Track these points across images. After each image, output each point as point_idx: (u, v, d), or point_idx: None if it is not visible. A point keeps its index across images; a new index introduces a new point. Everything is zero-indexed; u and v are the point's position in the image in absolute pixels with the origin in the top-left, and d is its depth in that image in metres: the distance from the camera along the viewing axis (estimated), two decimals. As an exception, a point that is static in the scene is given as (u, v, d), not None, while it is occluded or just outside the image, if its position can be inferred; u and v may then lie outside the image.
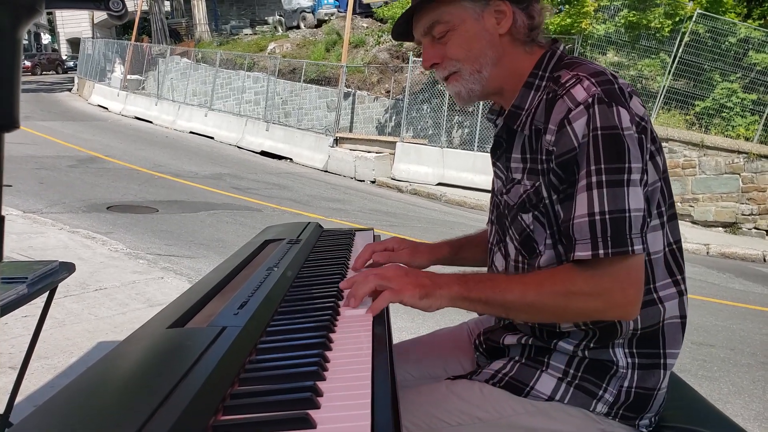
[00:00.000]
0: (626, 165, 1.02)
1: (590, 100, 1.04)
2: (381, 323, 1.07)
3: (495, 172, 1.32)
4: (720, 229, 10.18)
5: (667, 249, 1.14)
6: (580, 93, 1.05)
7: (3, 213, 0.60)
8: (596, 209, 1.02)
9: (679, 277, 1.16)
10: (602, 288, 1.03)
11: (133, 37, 23.01)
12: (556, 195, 1.10)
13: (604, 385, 1.13)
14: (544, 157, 1.10)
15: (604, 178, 1.02)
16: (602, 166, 1.02)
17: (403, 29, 1.26)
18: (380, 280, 1.11)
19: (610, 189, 1.01)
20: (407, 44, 15.37)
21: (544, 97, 1.13)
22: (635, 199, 1.02)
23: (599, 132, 1.03)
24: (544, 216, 1.14)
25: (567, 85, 1.08)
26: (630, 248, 1.01)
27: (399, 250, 1.46)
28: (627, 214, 1.01)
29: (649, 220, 1.08)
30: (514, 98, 1.19)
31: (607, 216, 1.01)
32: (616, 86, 1.07)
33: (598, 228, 1.02)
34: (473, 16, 1.16)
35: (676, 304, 1.16)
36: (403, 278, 1.11)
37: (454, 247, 1.53)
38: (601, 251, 1.01)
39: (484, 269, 1.38)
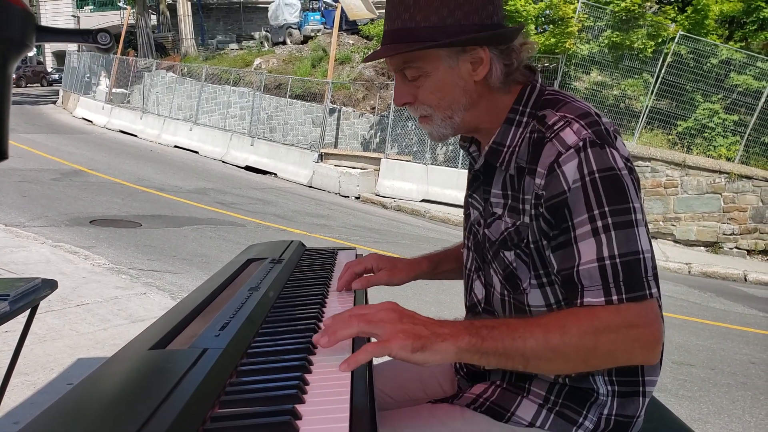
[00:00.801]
0: (631, 205, 0.99)
1: (581, 143, 1.01)
2: (361, 344, 1.08)
3: (470, 202, 1.31)
4: (701, 248, 10.30)
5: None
6: (570, 136, 1.03)
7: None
8: (606, 253, 0.97)
9: None
10: (628, 322, 0.96)
11: (119, 51, 22.94)
12: (546, 241, 1.07)
13: (584, 412, 1.13)
14: (533, 201, 1.06)
15: (610, 221, 0.98)
16: (606, 208, 0.98)
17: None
18: (366, 326, 0.96)
19: (619, 231, 0.97)
20: (393, 61, 15.49)
21: (527, 135, 1.10)
22: (645, 240, 0.99)
23: (597, 175, 1.00)
24: (527, 256, 1.11)
25: (555, 128, 1.05)
26: (647, 291, 0.97)
27: (378, 270, 1.44)
28: (641, 256, 0.97)
29: None
30: (494, 134, 1.16)
31: (618, 260, 0.97)
32: (603, 127, 1.05)
33: (610, 273, 0.96)
34: (447, 64, 1.10)
35: None
36: (394, 325, 0.94)
37: (433, 262, 1.51)
38: (614, 297, 0.96)
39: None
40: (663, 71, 11.42)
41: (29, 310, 1.75)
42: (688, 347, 5.04)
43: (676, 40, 11.33)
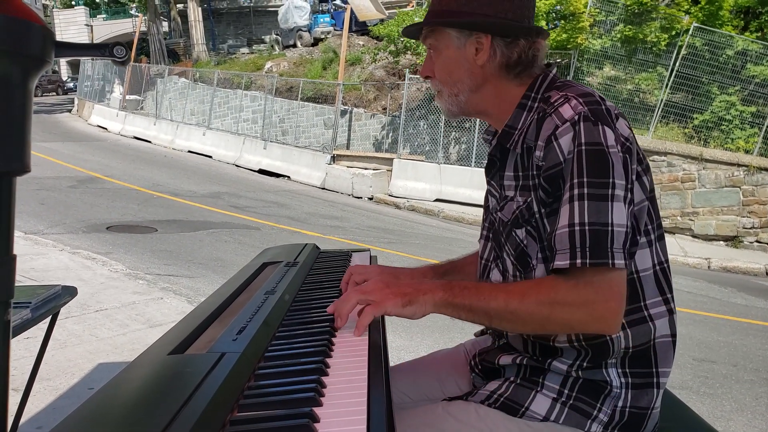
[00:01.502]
0: (610, 180, 1.04)
1: (576, 117, 1.08)
2: (377, 346, 1.09)
3: (489, 190, 1.35)
4: (721, 242, 10.11)
5: (657, 267, 1.17)
6: (567, 111, 1.10)
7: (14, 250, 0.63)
8: (576, 220, 1.04)
9: (668, 296, 1.19)
10: (585, 298, 1.04)
11: (132, 58, 23.17)
12: (544, 209, 1.13)
13: (598, 405, 1.14)
14: (534, 173, 1.14)
15: (586, 191, 1.04)
16: (585, 179, 1.05)
17: (415, 32, 1.32)
18: (361, 295, 1.14)
19: (592, 202, 1.04)
20: (403, 61, 15.50)
21: (536, 117, 1.17)
22: (619, 215, 1.04)
23: (584, 147, 1.06)
24: (535, 230, 1.17)
25: (555, 104, 1.13)
26: (610, 261, 1.02)
27: None
28: (609, 228, 1.03)
29: (638, 238, 1.11)
30: (506, 119, 1.23)
31: (587, 227, 1.03)
32: (603, 107, 1.11)
33: (578, 238, 1.03)
34: (456, 44, 1.22)
35: (666, 322, 1.18)
36: (384, 290, 1.13)
37: (438, 273, 1.53)
38: (578, 261, 1.03)
39: None
40: (677, 64, 11.28)
41: (50, 316, 1.78)
42: (709, 344, 4.98)
43: (690, 32, 11.18)
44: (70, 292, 1.89)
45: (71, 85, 36.43)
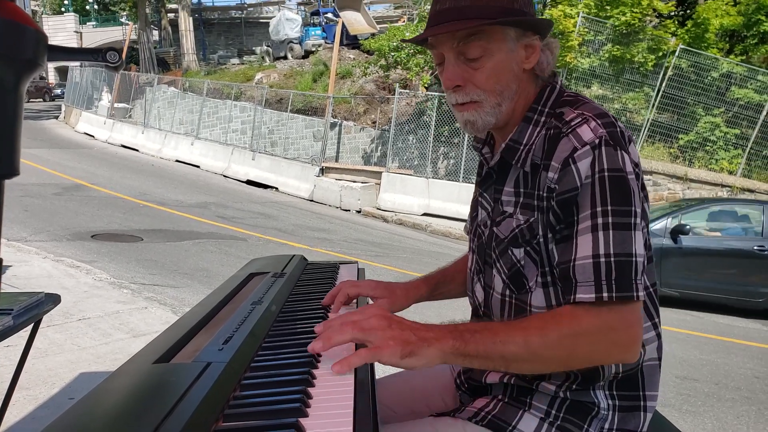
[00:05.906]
0: (632, 208, 1.01)
1: (596, 141, 1.02)
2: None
3: (480, 202, 1.30)
4: (704, 262, 10.24)
5: (648, 290, 1.15)
6: (586, 133, 1.04)
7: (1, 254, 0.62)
8: (602, 251, 0.99)
9: (657, 320, 1.18)
10: (609, 325, 0.99)
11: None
12: (551, 234, 1.08)
13: (585, 427, 1.13)
14: (544, 194, 1.07)
15: (611, 220, 1.00)
16: (609, 207, 1.00)
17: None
18: (358, 332, 1.00)
19: (617, 231, 0.99)
20: (393, 76, 15.59)
21: (544, 132, 1.11)
22: (639, 244, 1.01)
23: (606, 174, 1.01)
24: (536, 253, 1.11)
25: (573, 124, 1.06)
26: (635, 294, 0.99)
27: (375, 298, 1.40)
28: (633, 259, 1.00)
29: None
30: (510, 132, 1.17)
31: (612, 259, 0.99)
32: (618, 130, 1.06)
33: (603, 270, 0.99)
34: (509, 47, 1.12)
35: (655, 347, 1.17)
36: (384, 331, 0.99)
37: (431, 285, 1.49)
38: (605, 294, 0.99)
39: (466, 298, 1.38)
40: (664, 85, 11.50)
41: (32, 324, 1.75)
42: (691, 362, 5.02)
43: (676, 54, 11.41)
44: (53, 300, 1.87)
45: (59, 91, 36.18)
